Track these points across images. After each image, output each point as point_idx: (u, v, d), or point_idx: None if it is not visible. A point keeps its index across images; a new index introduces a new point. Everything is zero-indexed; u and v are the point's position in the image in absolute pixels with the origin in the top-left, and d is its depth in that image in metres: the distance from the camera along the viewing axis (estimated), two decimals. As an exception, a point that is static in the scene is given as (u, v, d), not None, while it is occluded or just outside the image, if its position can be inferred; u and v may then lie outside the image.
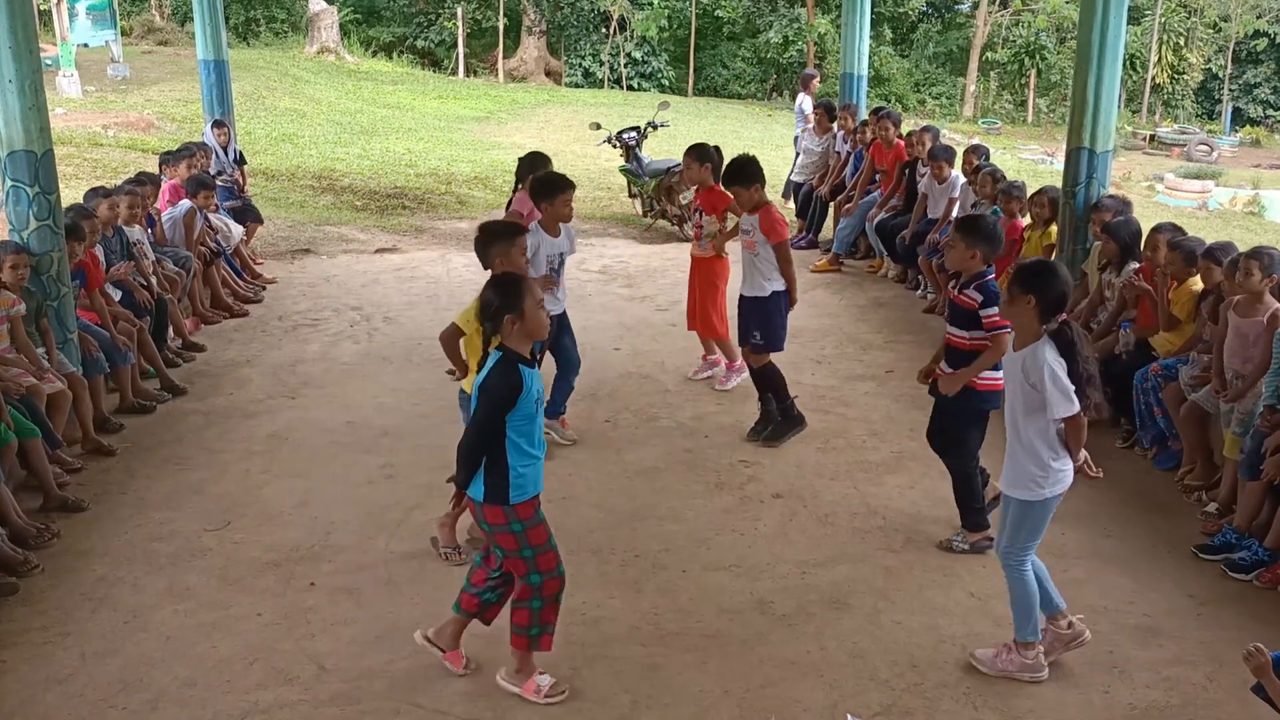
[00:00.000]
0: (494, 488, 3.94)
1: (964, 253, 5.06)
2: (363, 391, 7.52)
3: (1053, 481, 4.15)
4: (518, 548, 4.02)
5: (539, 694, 4.13)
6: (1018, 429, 4.16)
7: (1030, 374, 4.04)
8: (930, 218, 9.75)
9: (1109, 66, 7.06)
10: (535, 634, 4.11)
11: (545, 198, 6.17)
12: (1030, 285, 4.07)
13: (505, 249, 4.93)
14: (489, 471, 3.94)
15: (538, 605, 4.08)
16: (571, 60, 32.31)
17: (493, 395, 3.88)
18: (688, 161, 7.36)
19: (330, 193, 14.83)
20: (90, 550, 5.28)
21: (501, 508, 3.96)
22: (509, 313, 3.92)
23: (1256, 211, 18.86)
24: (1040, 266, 4.27)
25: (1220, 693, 4.22)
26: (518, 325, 3.93)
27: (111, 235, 7.66)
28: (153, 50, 26.62)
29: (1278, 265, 5.51)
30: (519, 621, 4.11)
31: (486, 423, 3.90)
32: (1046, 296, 4.07)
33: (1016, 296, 4.10)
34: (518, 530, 3.99)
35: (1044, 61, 33.18)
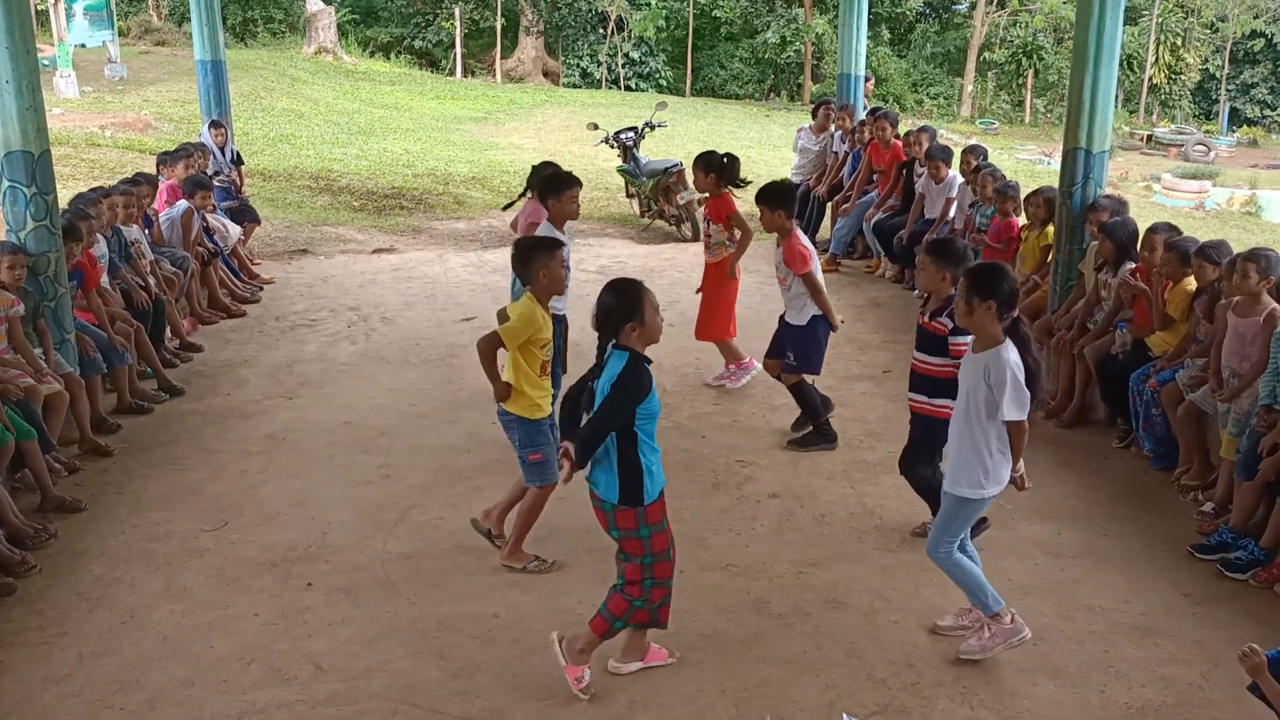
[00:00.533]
0: (629, 489, 4.02)
1: (934, 275, 5.00)
2: (360, 392, 7.52)
3: (994, 481, 4.26)
4: (641, 553, 4.10)
5: (578, 683, 4.18)
6: (971, 430, 4.22)
7: (991, 375, 4.12)
8: (927, 218, 9.76)
9: (1106, 67, 7.06)
10: (619, 626, 4.18)
11: (553, 194, 6.19)
12: (988, 290, 4.14)
13: (547, 261, 4.89)
14: (624, 473, 4.02)
15: (639, 604, 4.15)
16: (569, 61, 32.33)
17: (631, 391, 3.94)
18: (694, 171, 7.36)
19: (328, 193, 14.83)
20: (87, 550, 5.29)
21: (634, 511, 4.03)
22: (630, 320, 3.98)
23: (1253, 211, 18.87)
24: (991, 269, 4.31)
25: (1216, 692, 4.23)
26: (638, 332, 4.00)
27: (110, 235, 7.65)
28: (150, 51, 26.61)
29: (1275, 266, 5.52)
30: (612, 608, 4.16)
31: (615, 417, 3.96)
32: (1003, 298, 4.15)
33: (976, 304, 4.16)
34: (645, 536, 4.07)
35: (1041, 62, 33.23)
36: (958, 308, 4.29)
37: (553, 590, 4.94)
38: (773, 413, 7.13)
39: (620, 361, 3.99)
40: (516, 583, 5.01)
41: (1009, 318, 4.19)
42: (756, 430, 6.86)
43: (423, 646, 4.50)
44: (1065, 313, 7.31)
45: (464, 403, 7.32)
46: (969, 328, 4.32)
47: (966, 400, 4.25)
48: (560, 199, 6.16)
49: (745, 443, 6.63)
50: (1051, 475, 6.21)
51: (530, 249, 4.99)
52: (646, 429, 4.03)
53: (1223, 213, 18.65)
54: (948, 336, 4.95)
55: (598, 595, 4.86)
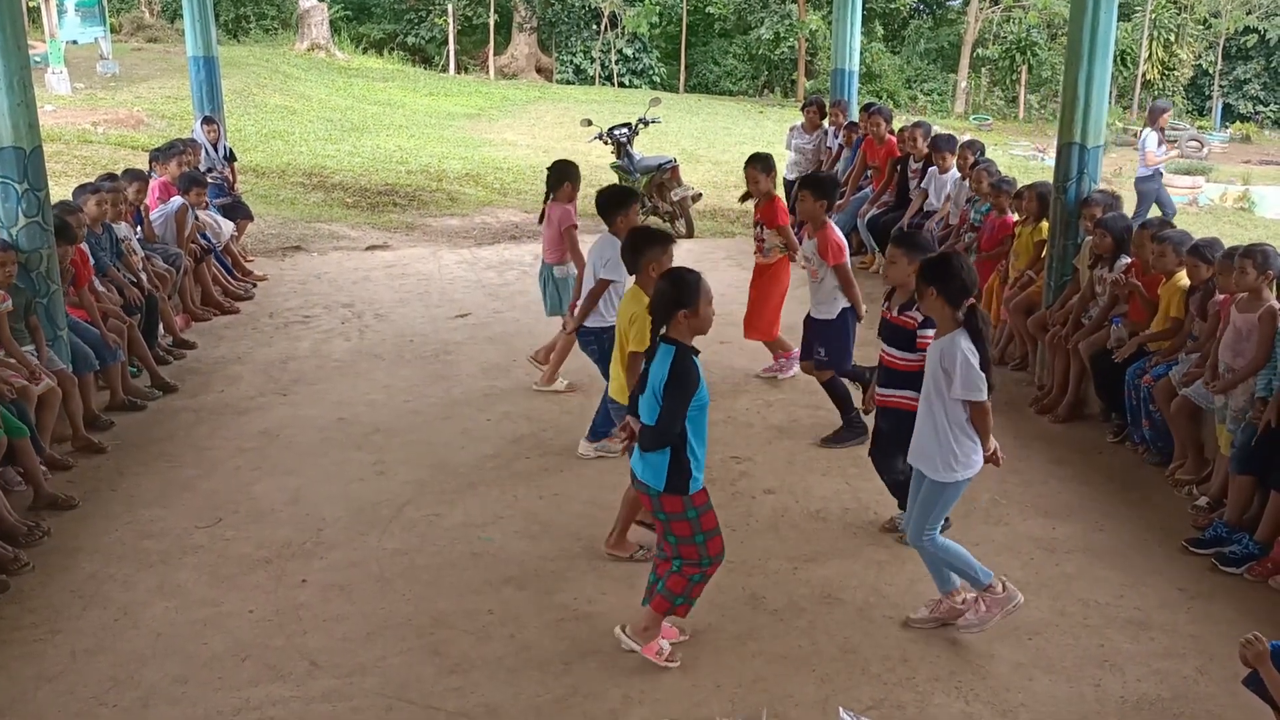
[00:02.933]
0: (675, 479, 4.11)
1: (905, 268, 4.98)
2: (354, 388, 7.51)
3: (966, 465, 4.36)
4: (691, 534, 4.21)
5: (660, 656, 4.28)
6: (934, 414, 4.34)
7: (945, 359, 4.25)
8: (928, 211, 9.75)
9: (1100, 62, 7.06)
10: (679, 603, 4.28)
11: (622, 210, 6.26)
12: (931, 277, 4.29)
13: (658, 255, 4.94)
14: (671, 464, 4.10)
15: (697, 579, 4.27)
16: (563, 57, 32.28)
17: (683, 388, 4.02)
18: (753, 173, 7.25)
19: (321, 190, 14.80)
20: (80, 548, 5.27)
21: (681, 497, 4.14)
22: (684, 307, 4.07)
23: (1247, 207, 18.90)
24: (940, 260, 4.42)
25: (1211, 685, 4.23)
26: (690, 320, 4.09)
27: (101, 233, 7.63)
28: (142, 47, 26.52)
29: (1272, 261, 5.52)
30: (672, 586, 4.26)
31: (679, 414, 4.04)
32: (949, 286, 4.26)
33: (923, 290, 4.32)
34: (693, 517, 4.18)
35: (1035, 57, 33.23)
36: (917, 295, 4.43)
37: (548, 586, 4.94)
38: (768, 409, 7.13)
39: (668, 357, 4.06)
40: (511, 579, 5.00)
41: (965, 305, 4.28)
42: (751, 426, 6.86)
43: (417, 643, 4.49)
44: (1060, 308, 7.31)
45: (458, 399, 7.31)
46: (927, 313, 4.45)
47: (930, 386, 4.36)
48: (627, 214, 6.25)
49: (740, 439, 6.63)
50: (1046, 471, 6.22)
51: (643, 240, 5.04)
52: (697, 420, 4.12)
53: (1216, 208, 18.68)
54: (916, 330, 4.98)
55: (593, 591, 4.88)
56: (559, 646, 4.47)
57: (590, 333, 6.36)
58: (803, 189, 6.53)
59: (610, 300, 6.25)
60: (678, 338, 4.11)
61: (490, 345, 8.49)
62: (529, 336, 8.69)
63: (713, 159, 18.46)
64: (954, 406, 4.30)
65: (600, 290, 6.27)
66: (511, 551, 5.27)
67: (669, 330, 4.11)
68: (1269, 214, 18.38)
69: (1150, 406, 6.21)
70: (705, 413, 4.14)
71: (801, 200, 6.49)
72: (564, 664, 4.35)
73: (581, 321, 6.34)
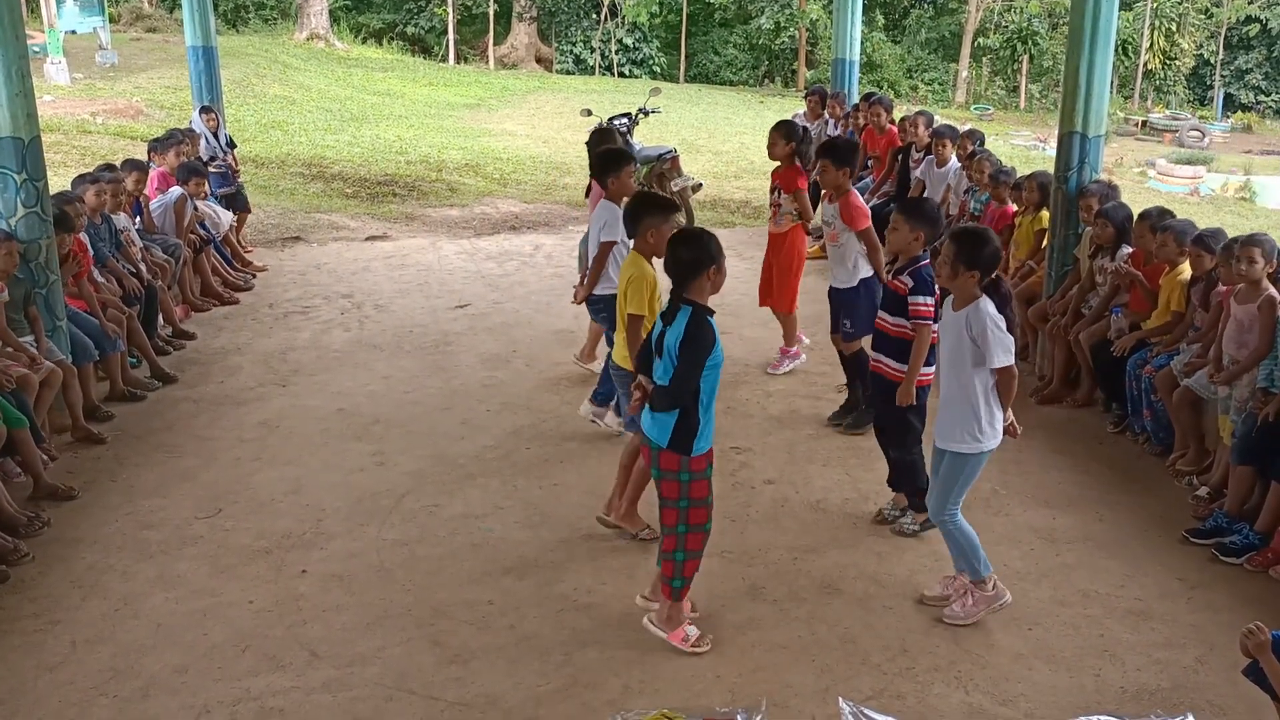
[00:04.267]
0: (680, 438, 4.12)
1: (907, 235, 5.02)
2: (354, 379, 7.50)
3: (989, 435, 4.37)
4: (677, 497, 4.20)
5: (686, 643, 4.29)
6: (960, 384, 4.33)
7: (973, 327, 4.25)
8: (925, 202, 9.73)
9: (1101, 51, 7.04)
10: (678, 586, 4.28)
11: (612, 171, 6.22)
12: (973, 259, 4.27)
13: (658, 224, 4.94)
14: (679, 422, 4.11)
15: (681, 557, 4.26)
16: (562, 47, 32.22)
17: (699, 348, 4.03)
18: (774, 137, 7.23)
19: (320, 180, 14.78)
20: (80, 538, 5.27)
21: (680, 456, 4.14)
22: (712, 264, 4.11)
23: (1248, 197, 18.89)
24: (977, 236, 4.38)
25: (1211, 675, 4.23)
26: (716, 277, 4.14)
27: (100, 223, 7.61)
28: (141, 37, 26.48)
29: (1274, 251, 5.51)
30: (665, 572, 4.31)
31: (693, 376, 4.05)
32: (984, 266, 4.28)
33: (960, 270, 4.28)
34: (684, 480, 4.17)
35: (1036, 47, 33.17)
36: (940, 270, 4.39)
37: (547, 577, 4.94)
38: (767, 399, 7.13)
39: (684, 317, 4.07)
40: (511, 569, 5.00)
41: (988, 280, 4.31)
42: (751, 417, 6.85)
43: (417, 633, 4.49)
44: (1060, 298, 7.30)
45: (458, 390, 7.30)
46: (950, 289, 4.41)
47: (951, 356, 4.35)
48: (619, 176, 6.20)
49: (740, 429, 6.62)
50: (1047, 461, 6.22)
51: (645, 206, 5.05)
52: (710, 379, 4.12)
53: (1217, 198, 18.66)
54: (907, 296, 5.00)
55: (593, 581, 4.88)
56: (559, 636, 4.47)
57: (599, 300, 6.34)
58: (822, 158, 6.47)
59: (617, 265, 6.22)
60: (696, 298, 4.13)
61: (490, 336, 8.48)
62: (529, 327, 8.68)
63: (713, 149, 18.44)
64: (980, 375, 4.30)
65: (605, 254, 6.22)
66: (511, 542, 5.27)
67: (689, 291, 4.13)
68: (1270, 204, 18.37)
69: (1152, 397, 6.20)
70: (718, 372, 4.16)
71: (823, 170, 6.44)
72: (564, 654, 4.35)
73: (591, 289, 6.31)
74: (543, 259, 10.98)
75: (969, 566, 4.51)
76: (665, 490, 4.24)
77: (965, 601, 4.51)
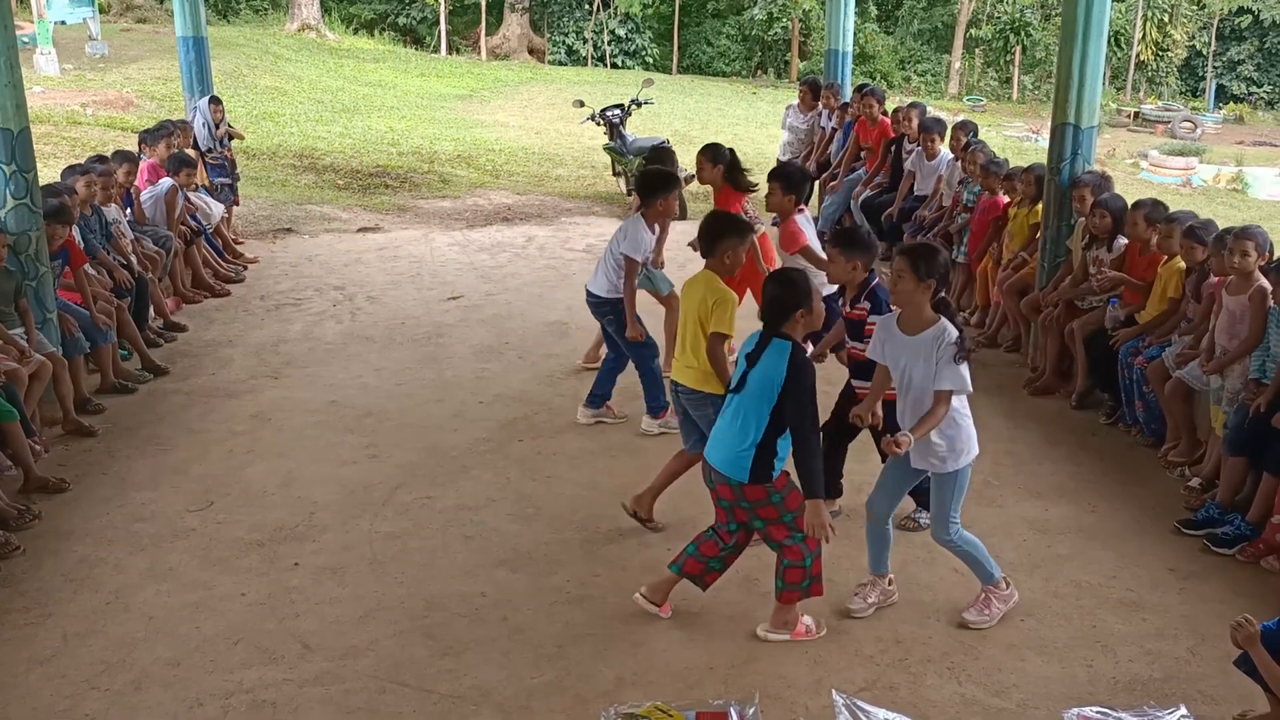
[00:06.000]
0: (760, 470, 4.20)
1: (845, 266, 4.96)
2: (346, 371, 7.49)
3: (969, 446, 4.36)
4: (778, 515, 4.27)
5: (810, 633, 4.40)
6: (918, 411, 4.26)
7: (942, 350, 4.19)
8: (917, 194, 9.73)
9: (1094, 42, 7.03)
10: (807, 585, 4.33)
11: (663, 193, 6.25)
12: (929, 270, 4.21)
13: (735, 245, 4.96)
14: (758, 457, 4.19)
15: (809, 562, 4.30)
16: (555, 38, 32.13)
17: (808, 389, 4.15)
18: (700, 161, 7.14)
19: (312, 171, 14.73)
20: (72, 531, 5.25)
21: (764, 485, 4.21)
22: (802, 308, 4.20)
23: (1240, 188, 18.92)
24: (927, 250, 4.34)
25: (1202, 666, 4.24)
26: (807, 319, 4.22)
27: (90, 215, 7.58)
28: (131, 28, 26.35)
29: (1266, 242, 5.51)
30: (792, 580, 4.32)
31: (810, 412, 4.14)
32: (939, 275, 4.25)
33: (917, 283, 4.22)
34: (777, 500, 4.25)
35: (1029, 38, 33.14)
36: (895, 283, 4.31)
37: (541, 570, 4.94)
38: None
39: (784, 353, 4.13)
40: (504, 562, 5.00)
41: (939, 296, 4.29)
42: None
43: (410, 626, 4.49)
44: (1053, 289, 7.30)
45: (450, 382, 7.29)
46: (903, 305, 4.34)
47: (921, 381, 4.25)
48: (668, 198, 6.25)
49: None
50: (1039, 452, 6.22)
51: (723, 225, 5.05)
52: None
53: (1209, 189, 18.69)
54: (866, 319, 4.97)
55: (586, 574, 4.88)
56: (552, 629, 4.47)
57: (607, 303, 6.35)
58: (772, 180, 6.42)
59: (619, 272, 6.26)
60: (791, 334, 4.20)
61: (482, 328, 8.46)
62: (521, 319, 8.67)
63: (706, 140, 18.39)
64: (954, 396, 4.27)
65: (634, 271, 6.24)
66: (504, 534, 5.26)
67: (785, 328, 4.20)
68: (1262, 195, 18.40)
69: (1144, 388, 6.21)
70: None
71: (770, 193, 6.40)
72: (557, 646, 4.35)
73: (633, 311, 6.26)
74: (535, 250, 10.96)
75: (982, 573, 4.51)
76: (764, 515, 4.28)
77: (981, 606, 4.50)
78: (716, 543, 4.44)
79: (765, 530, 4.33)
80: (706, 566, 4.45)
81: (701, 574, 4.46)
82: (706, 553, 4.44)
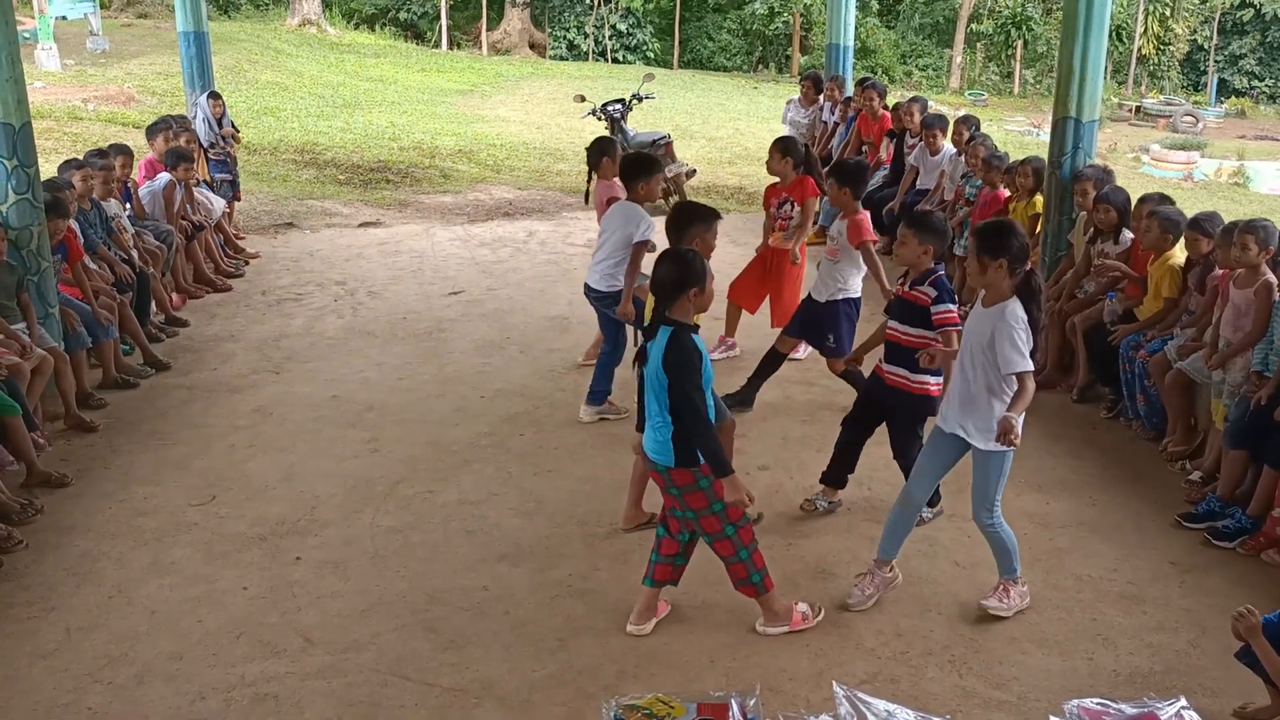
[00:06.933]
0: (683, 453, 4.12)
1: (916, 249, 4.91)
2: (347, 366, 7.49)
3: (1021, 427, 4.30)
4: (708, 503, 4.18)
5: (808, 620, 4.39)
6: (991, 384, 4.25)
7: (999, 328, 4.17)
8: (919, 189, 9.72)
9: (1095, 36, 7.03)
10: (757, 580, 4.29)
11: (644, 176, 6.28)
12: (999, 249, 4.20)
13: (702, 231, 5.00)
14: (677, 439, 4.11)
15: (745, 555, 4.26)
16: (556, 33, 32.08)
17: (690, 368, 4.02)
18: (773, 152, 7.18)
19: (313, 166, 14.72)
20: (74, 525, 5.26)
21: (691, 470, 4.14)
22: (695, 285, 4.10)
23: (1241, 182, 18.91)
24: (1000, 227, 4.34)
25: (1204, 659, 4.25)
26: (699, 299, 4.14)
27: (89, 209, 7.58)
28: (132, 23, 26.32)
29: (1272, 237, 5.51)
30: (738, 574, 4.30)
31: (694, 394, 4.02)
32: (1014, 255, 4.22)
33: (988, 263, 4.21)
34: (705, 486, 4.16)
35: (1030, 33, 33.10)
36: (970, 267, 4.32)
37: (541, 564, 4.94)
38: (763, 386, 7.11)
39: (664, 336, 4.06)
40: (505, 556, 5.01)
41: (1021, 272, 4.24)
42: (745, 403, 6.84)
43: (412, 619, 4.50)
44: (1054, 283, 7.30)
45: (451, 377, 7.29)
46: (982, 286, 4.33)
47: (982, 356, 4.24)
48: (649, 181, 6.28)
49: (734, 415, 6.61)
50: (1040, 446, 6.22)
51: (687, 215, 5.06)
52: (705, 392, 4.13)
53: (1211, 184, 18.67)
54: (930, 306, 4.92)
55: (587, 568, 4.89)
56: (554, 622, 4.48)
57: (607, 296, 6.39)
58: (830, 177, 6.48)
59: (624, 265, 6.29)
60: (680, 317, 4.10)
61: (484, 322, 8.47)
62: (523, 314, 8.67)
63: (707, 135, 18.38)
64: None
65: (640, 255, 6.25)
66: (506, 528, 5.27)
67: (672, 311, 4.10)
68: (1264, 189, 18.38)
69: (1145, 382, 6.21)
70: (710, 387, 4.13)
71: (830, 187, 6.41)
72: (559, 640, 4.35)
73: (630, 298, 6.26)
74: (536, 245, 10.96)
75: (1007, 566, 4.51)
76: (693, 503, 4.20)
77: (1002, 596, 4.51)
78: (671, 539, 4.39)
79: (697, 523, 4.24)
80: (674, 567, 4.43)
81: (671, 576, 4.44)
82: (668, 552, 4.40)
